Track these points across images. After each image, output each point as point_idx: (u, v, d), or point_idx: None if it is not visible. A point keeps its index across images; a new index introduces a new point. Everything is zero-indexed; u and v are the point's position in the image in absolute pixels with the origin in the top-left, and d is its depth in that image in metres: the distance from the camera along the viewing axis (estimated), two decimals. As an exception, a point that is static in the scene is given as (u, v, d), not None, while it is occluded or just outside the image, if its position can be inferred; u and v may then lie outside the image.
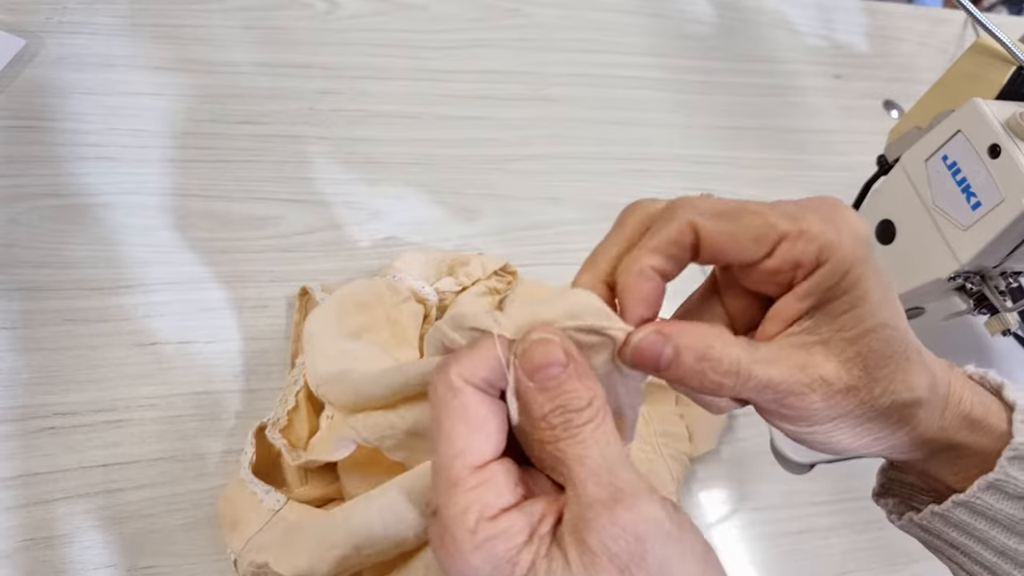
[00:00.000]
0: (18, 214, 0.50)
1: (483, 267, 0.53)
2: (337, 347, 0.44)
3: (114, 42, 0.59)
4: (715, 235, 0.25)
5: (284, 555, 0.39)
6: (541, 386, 0.24)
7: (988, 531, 0.29)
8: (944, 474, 0.30)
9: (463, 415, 0.24)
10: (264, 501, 0.41)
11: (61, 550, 0.42)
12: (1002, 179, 0.45)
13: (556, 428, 0.24)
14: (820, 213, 0.25)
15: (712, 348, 0.26)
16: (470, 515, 0.23)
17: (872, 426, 0.27)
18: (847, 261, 0.25)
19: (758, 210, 0.26)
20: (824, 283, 0.25)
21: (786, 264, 0.25)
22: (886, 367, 0.26)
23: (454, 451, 0.23)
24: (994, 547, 0.29)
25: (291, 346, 0.49)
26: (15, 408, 0.44)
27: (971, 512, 0.29)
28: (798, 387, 0.26)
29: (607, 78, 0.73)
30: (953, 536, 0.30)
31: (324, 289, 0.49)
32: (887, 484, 0.35)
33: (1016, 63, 0.48)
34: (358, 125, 0.62)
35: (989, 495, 0.29)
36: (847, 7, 0.90)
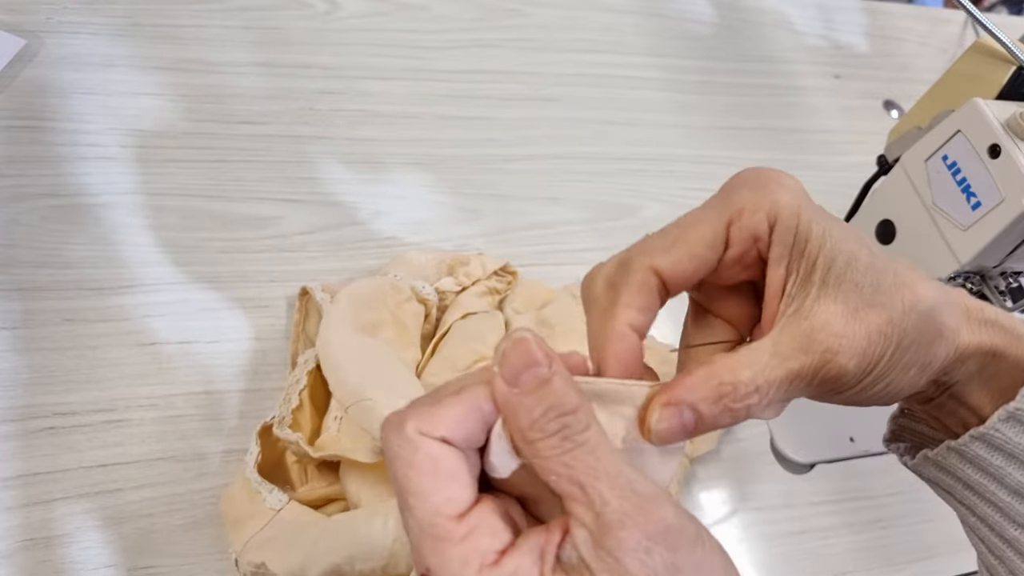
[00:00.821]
0: (18, 214, 0.50)
1: (483, 267, 0.53)
2: (356, 341, 0.45)
3: (114, 42, 0.59)
4: (677, 267, 0.26)
5: (281, 556, 0.39)
6: (525, 390, 0.22)
7: (1004, 467, 0.28)
8: (982, 402, 0.29)
9: (432, 466, 0.22)
10: (267, 500, 0.41)
11: (61, 550, 0.42)
12: (1002, 179, 0.45)
13: (555, 436, 0.22)
14: (747, 184, 0.26)
15: (721, 384, 0.25)
16: (470, 568, 0.21)
17: (912, 354, 0.26)
18: (794, 210, 0.26)
19: (698, 218, 0.26)
20: (786, 239, 0.26)
21: (746, 242, 0.26)
22: (882, 292, 0.26)
23: (431, 506, 0.22)
24: (1008, 485, 0.28)
25: (291, 346, 0.50)
26: (15, 408, 0.44)
27: (988, 446, 0.28)
28: (819, 360, 0.25)
29: (607, 78, 0.73)
30: (967, 473, 0.29)
31: (324, 289, 0.49)
32: (897, 431, 0.34)
33: (1016, 63, 0.48)
34: (358, 125, 0.62)
35: (1008, 427, 0.28)
36: (847, 7, 0.90)
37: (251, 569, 0.40)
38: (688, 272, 0.26)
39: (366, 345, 0.45)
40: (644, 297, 0.26)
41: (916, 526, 0.57)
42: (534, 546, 0.22)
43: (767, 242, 0.26)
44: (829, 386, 0.26)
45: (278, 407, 0.45)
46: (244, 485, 0.43)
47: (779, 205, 0.26)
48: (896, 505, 0.57)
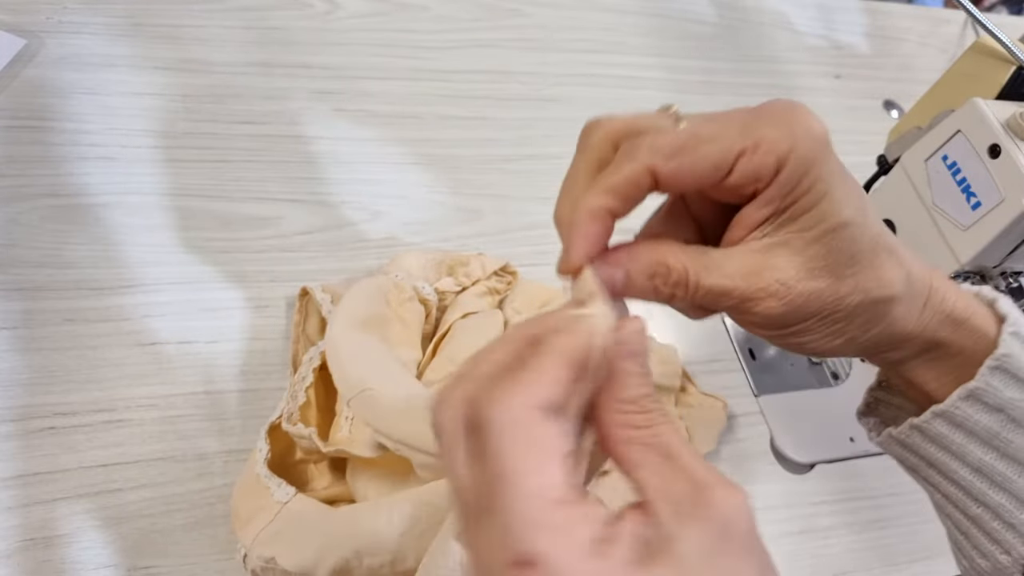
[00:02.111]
0: (18, 214, 0.50)
1: (483, 267, 0.53)
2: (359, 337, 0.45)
3: (114, 42, 0.59)
4: (674, 174, 0.25)
5: (291, 551, 0.39)
6: (643, 371, 0.24)
7: (965, 445, 0.29)
8: (926, 378, 0.30)
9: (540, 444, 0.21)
10: (275, 494, 0.41)
11: (61, 550, 0.42)
12: (1002, 179, 0.45)
13: (652, 412, 0.23)
14: (774, 119, 0.25)
15: (660, 264, 0.26)
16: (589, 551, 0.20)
17: (843, 326, 0.27)
18: (804, 163, 0.25)
19: (713, 135, 0.25)
20: (783, 189, 0.25)
21: (746, 179, 0.25)
22: (853, 265, 0.26)
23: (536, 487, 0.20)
24: (970, 463, 0.29)
25: (291, 347, 0.49)
26: (15, 408, 0.44)
27: (949, 424, 0.29)
28: (752, 292, 0.26)
29: (607, 78, 0.73)
30: (930, 451, 0.30)
31: (325, 289, 0.49)
32: (872, 403, 0.34)
33: (1016, 63, 0.48)
34: (358, 125, 0.62)
35: (968, 405, 0.28)
36: (847, 7, 0.90)
37: (261, 563, 0.40)
38: (684, 183, 0.26)
39: (368, 341, 0.45)
40: (631, 189, 0.26)
41: (916, 526, 0.57)
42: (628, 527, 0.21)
43: (767, 183, 0.26)
44: (750, 317, 0.26)
45: (285, 404, 0.45)
46: (253, 482, 0.42)
47: (794, 152, 0.25)
48: (896, 505, 0.57)
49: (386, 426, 0.40)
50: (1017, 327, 0.29)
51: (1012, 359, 0.28)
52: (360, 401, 0.42)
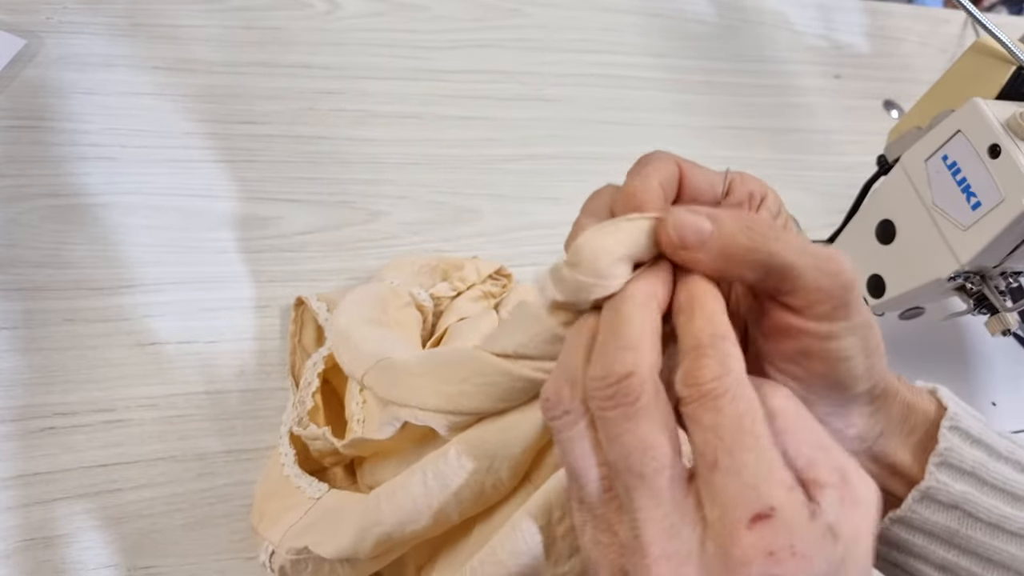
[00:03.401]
0: (18, 214, 0.50)
1: (477, 271, 0.53)
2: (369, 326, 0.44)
3: (114, 42, 0.59)
4: (694, 174, 0.28)
5: (326, 537, 0.38)
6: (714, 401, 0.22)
7: (927, 546, 0.29)
8: (904, 456, 0.29)
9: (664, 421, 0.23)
10: (307, 491, 0.41)
11: (61, 550, 0.42)
12: (1002, 179, 0.45)
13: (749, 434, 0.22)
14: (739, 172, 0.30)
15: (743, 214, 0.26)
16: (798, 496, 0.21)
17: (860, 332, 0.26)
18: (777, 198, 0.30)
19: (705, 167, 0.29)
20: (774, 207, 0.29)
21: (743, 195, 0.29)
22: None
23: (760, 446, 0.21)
24: (934, 562, 0.29)
25: (288, 358, 0.49)
26: (15, 408, 0.44)
27: (908, 528, 0.29)
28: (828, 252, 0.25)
29: (607, 78, 0.73)
30: (894, 556, 0.30)
31: (320, 298, 0.49)
32: None
33: (1016, 63, 0.48)
34: (358, 125, 0.62)
35: (923, 507, 0.28)
36: (847, 7, 0.90)
37: (291, 556, 0.39)
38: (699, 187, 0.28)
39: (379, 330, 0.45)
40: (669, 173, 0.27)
41: (916, 526, 0.57)
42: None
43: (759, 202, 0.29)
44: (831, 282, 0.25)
45: (293, 410, 0.45)
46: (279, 485, 0.42)
47: (767, 187, 0.29)
48: (896, 505, 0.57)
49: (401, 393, 0.37)
50: (955, 420, 0.29)
51: (954, 452, 0.28)
52: (377, 371, 0.39)
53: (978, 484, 0.28)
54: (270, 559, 0.40)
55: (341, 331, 0.44)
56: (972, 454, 0.28)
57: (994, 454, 0.28)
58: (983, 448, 0.28)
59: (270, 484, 0.43)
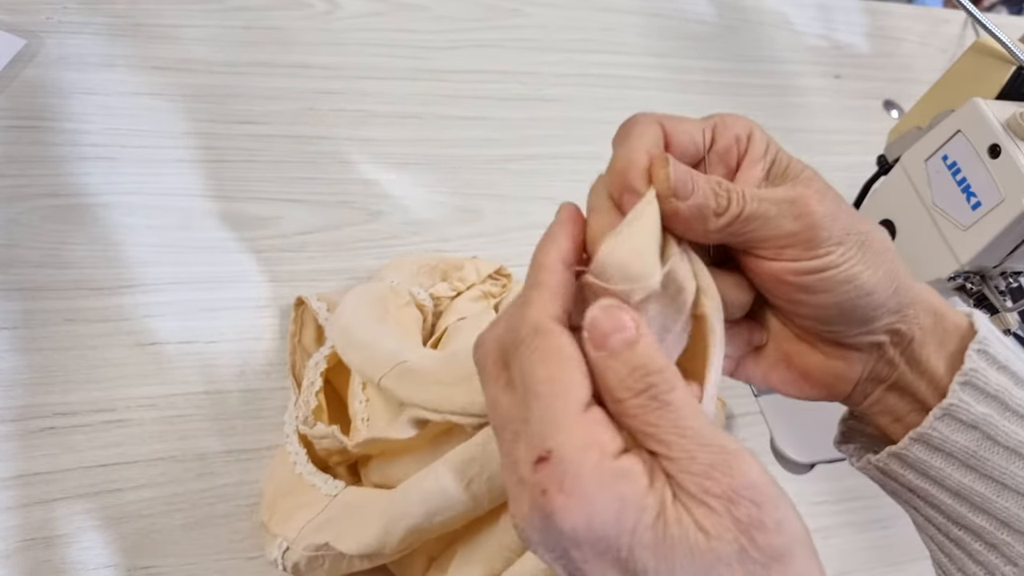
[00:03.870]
0: (18, 214, 0.50)
1: (477, 271, 0.53)
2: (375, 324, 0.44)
3: (114, 42, 0.59)
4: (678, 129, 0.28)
5: (348, 533, 0.38)
6: (613, 352, 0.23)
7: (944, 468, 0.29)
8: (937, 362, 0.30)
9: (559, 354, 0.23)
10: (323, 489, 0.41)
11: (61, 550, 0.42)
12: (1002, 179, 0.45)
13: (642, 395, 0.23)
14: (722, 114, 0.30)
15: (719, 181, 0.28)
16: (593, 452, 0.22)
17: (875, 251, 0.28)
18: (762, 133, 0.30)
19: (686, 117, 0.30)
20: (761, 144, 0.30)
21: (729, 140, 0.29)
22: (844, 206, 0.28)
23: (563, 390, 0.23)
24: (949, 487, 0.29)
25: (288, 358, 0.49)
26: (15, 408, 0.44)
27: (927, 448, 0.29)
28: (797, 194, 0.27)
29: (607, 78, 0.73)
30: (909, 478, 0.30)
31: (320, 298, 0.49)
32: (847, 432, 0.35)
33: (1016, 63, 0.48)
34: (358, 125, 0.62)
35: (944, 425, 0.29)
36: (847, 7, 0.90)
37: (308, 553, 0.39)
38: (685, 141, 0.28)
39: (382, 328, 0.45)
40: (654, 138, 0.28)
41: (916, 526, 0.57)
42: (645, 457, 0.23)
43: (745, 145, 0.29)
44: (800, 225, 0.27)
45: (297, 411, 0.45)
46: (291, 484, 0.42)
47: (751, 126, 0.30)
48: (896, 505, 0.57)
49: (430, 399, 0.38)
50: (984, 344, 0.29)
51: (979, 374, 0.28)
52: (397, 375, 0.40)
53: (1000, 408, 0.28)
54: (283, 556, 0.40)
55: (345, 330, 0.44)
56: (997, 378, 0.28)
57: (1020, 382, 0.29)
58: (1009, 375, 0.29)
59: (280, 482, 0.43)
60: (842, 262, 0.27)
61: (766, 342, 0.32)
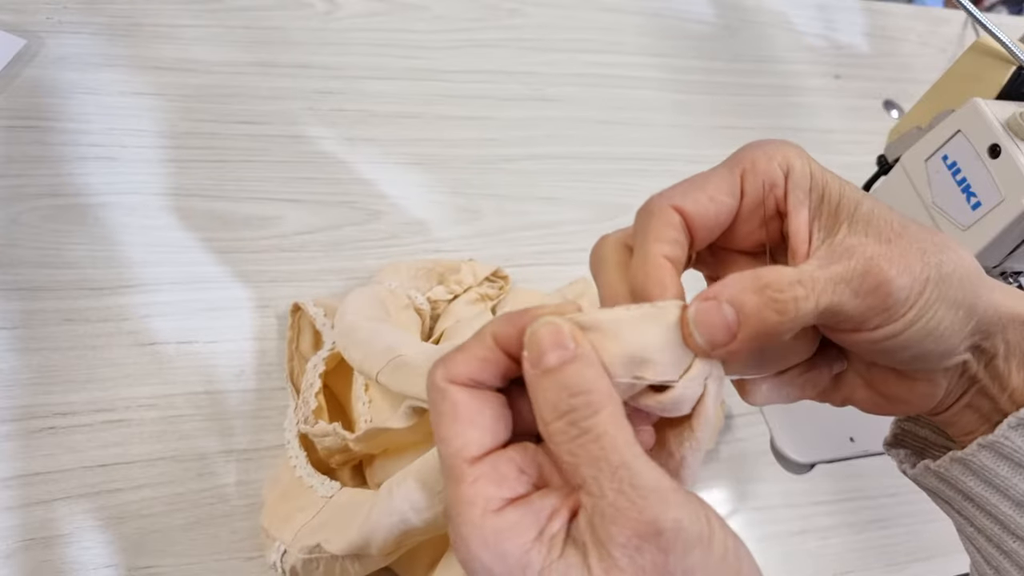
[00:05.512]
0: (18, 214, 0.50)
1: (474, 274, 0.53)
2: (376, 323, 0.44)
3: (114, 42, 0.59)
4: (698, 207, 0.26)
5: (337, 533, 0.38)
6: (545, 370, 0.22)
7: (1010, 478, 0.28)
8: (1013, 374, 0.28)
9: (452, 413, 0.23)
10: (319, 490, 0.41)
11: (61, 550, 0.42)
12: (1002, 179, 0.45)
13: (563, 419, 0.22)
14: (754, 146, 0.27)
15: (760, 277, 0.24)
16: (474, 509, 0.22)
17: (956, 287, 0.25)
18: (804, 162, 0.26)
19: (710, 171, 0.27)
20: (803, 183, 0.26)
21: (760, 190, 0.26)
22: (911, 232, 0.25)
23: (451, 449, 0.23)
24: (1013, 496, 0.28)
25: (286, 365, 0.49)
26: (15, 408, 0.44)
27: (995, 455, 0.28)
28: (863, 265, 0.24)
29: (607, 78, 0.73)
30: (970, 485, 0.29)
31: (317, 304, 0.49)
32: (900, 435, 0.33)
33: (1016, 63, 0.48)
34: (358, 125, 0.62)
35: (1018, 434, 0.27)
36: (847, 7, 0.90)
37: (304, 555, 0.39)
38: (709, 216, 0.26)
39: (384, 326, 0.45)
40: (671, 232, 0.26)
41: (916, 526, 0.57)
42: (543, 506, 0.22)
43: (783, 189, 0.26)
44: (876, 299, 0.24)
45: (298, 412, 0.45)
46: (290, 487, 0.42)
47: (789, 157, 0.26)
48: (896, 505, 0.57)
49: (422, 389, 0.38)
50: None
51: None
52: (392, 368, 0.40)
53: None
54: (281, 559, 0.40)
55: (348, 329, 0.44)
56: None
57: None
58: None
59: (281, 487, 0.43)
60: (921, 316, 0.25)
61: (845, 368, 0.30)
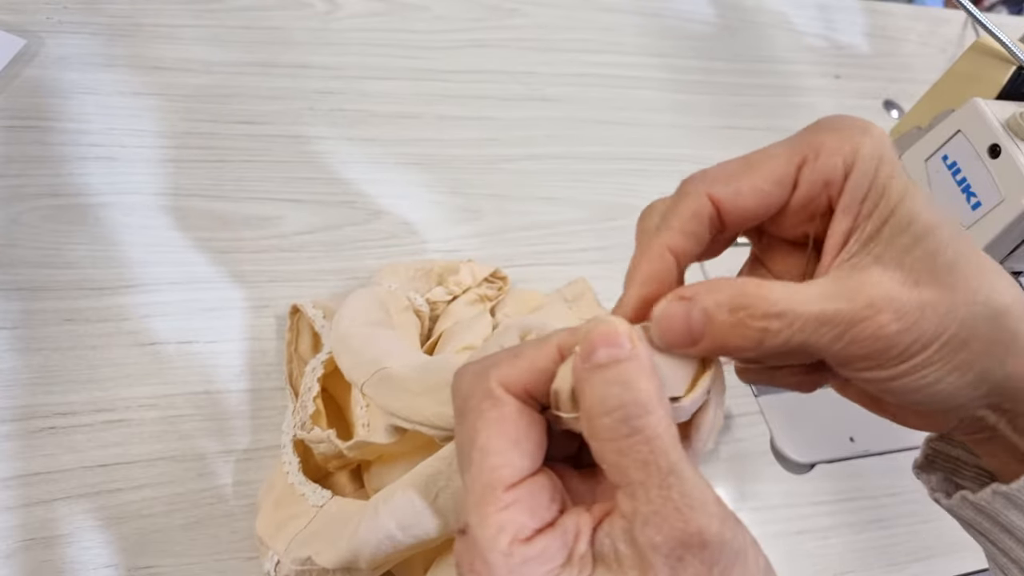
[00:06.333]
0: (18, 214, 0.50)
1: (473, 275, 0.53)
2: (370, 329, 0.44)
3: (114, 42, 0.59)
4: (737, 199, 0.24)
5: (327, 546, 0.38)
6: (595, 365, 0.21)
7: None
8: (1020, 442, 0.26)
9: (501, 428, 0.22)
10: (310, 499, 0.41)
11: (61, 550, 0.42)
12: (1002, 179, 0.45)
13: (613, 416, 0.21)
14: (829, 128, 0.24)
15: (743, 295, 0.22)
16: (503, 537, 0.21)
17: (973, 353, 0.23)
18: (872, 161, 0.23)
19: (768, 153, 0.24)
20: (858, 189, 0.23)
21: (815, 187, 0.24)
22: (958, 271, 0.23)
23: (490, 466, 0.22)
24: None
25: (285, 367, 0.49)
26: (15, 408, 0.44)
27: None
28: (860, 311, 0.22)
29: (607, 78, 0.73)
30: (1012, 519, 0.26)
31: (316, 305, 0.49)
32: (931, 456, 0.31)
33: (1016, 63, 0.48)
34: (358, 125, 0.62)
35: None
36: (847, 7, 0.90)
37: (296, 567, 0.38)
38: (749, 208, 0.24)
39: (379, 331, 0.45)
40: (692, 223, 0.24)
41: (916, 526, 0.57)
42: (569, 528, 0.22)
43: (839, 189, 0.24)
44: (862, 348, 0.23)
45: (295, 416, 0.45)
46: (284, 495, 0.42)
47: (859, 152, 0.23)
48: (896, 505, 0.57)
49: (401, 407, 0.38)
50: None
51: None
52: (376, 380, 0.40)
53: None
54: (275, 569, 0.40)
55: (342, 336, 0.44)
56: None
57: None
58: None
59: (275, 493, 0.43)
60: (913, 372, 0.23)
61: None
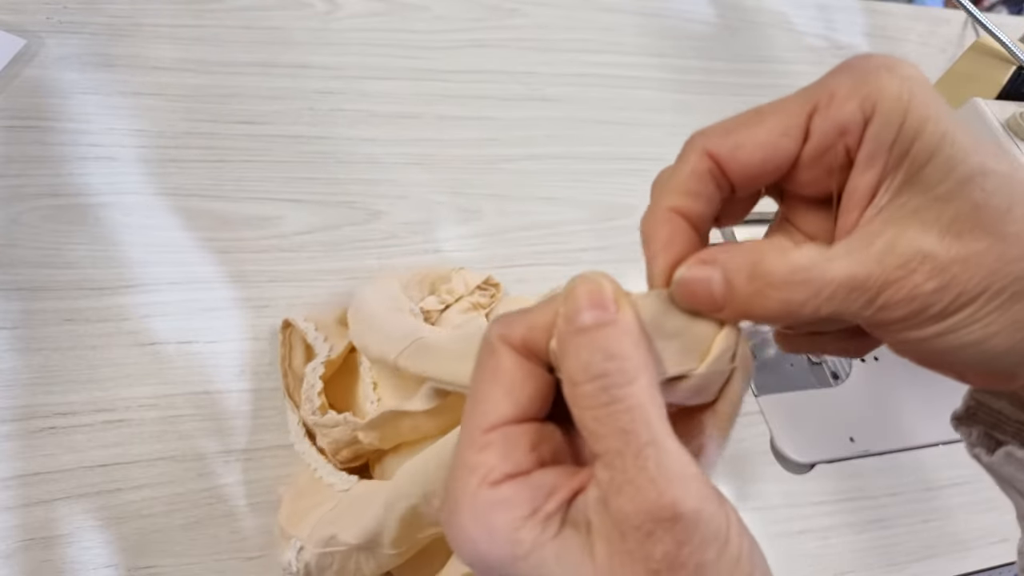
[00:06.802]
0: (18, 214, 0.50)
1: (465, 283, 0.53)
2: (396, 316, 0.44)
3: (114, 42, 0.59)
4: (738, 152, 0.22)
5: (350, 522, 0.38)
6: (579, 328, 0.20)
7: None
8: None
9: (494, 375, 0.22)
10: (336, 486, 0.41)
11: (61, 550, 0.42)
12: (1002, 179, 0.45)
13: (595, 383, 0.20)
14: (849, 70, 0.21)
15: (762, 262, 0.21)
16: (472, 477, 0.20)
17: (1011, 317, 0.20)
18: (899, 102, 0.20)
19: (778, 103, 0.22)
20: (883, 135, 0.20)
21: (829, 136, 0.21)
22: (1012, 218, 0.20)
23: (476, 410, 0.21)
24: None
25: (281, 381, 0.49)
26: (15, 408, 0.44)
27: None
28: (892, 272, 0.20)
29: (607, 78, 0.73)
30: None
31: (307, 319, 0.49)
32: (974, 408, 0.29)
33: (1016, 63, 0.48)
34: (358, 125, 0.62)
35: None
36: (847, 7, 0.90)
37: (318, 551, 0.38)
38: (753, 162, 0.22)
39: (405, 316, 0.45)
40: (691, 181, 0.23)
41: (916, 526, 0.57)
42: (543, 484, 0.21)
43: (857, 137, 0.21)
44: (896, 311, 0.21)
45: (302, 408, 0.45)
46: (307, 487, 0.42)
47: (881, 93, 0.20)
48: (896, 505, 0.57)
49: (443, 372, 0.38)
50: None
51: None
52: (414, 349, 0.40)
53: None
54: (297, 556, 0.40)
55: (368, 316, 0.44)
56: None
57: None
58: None
59: (297, 487, 0.43)
60: (959, 328, 0.21)
61: None
